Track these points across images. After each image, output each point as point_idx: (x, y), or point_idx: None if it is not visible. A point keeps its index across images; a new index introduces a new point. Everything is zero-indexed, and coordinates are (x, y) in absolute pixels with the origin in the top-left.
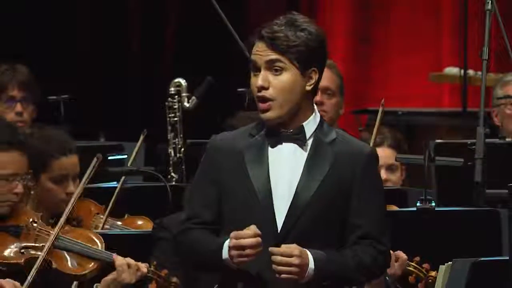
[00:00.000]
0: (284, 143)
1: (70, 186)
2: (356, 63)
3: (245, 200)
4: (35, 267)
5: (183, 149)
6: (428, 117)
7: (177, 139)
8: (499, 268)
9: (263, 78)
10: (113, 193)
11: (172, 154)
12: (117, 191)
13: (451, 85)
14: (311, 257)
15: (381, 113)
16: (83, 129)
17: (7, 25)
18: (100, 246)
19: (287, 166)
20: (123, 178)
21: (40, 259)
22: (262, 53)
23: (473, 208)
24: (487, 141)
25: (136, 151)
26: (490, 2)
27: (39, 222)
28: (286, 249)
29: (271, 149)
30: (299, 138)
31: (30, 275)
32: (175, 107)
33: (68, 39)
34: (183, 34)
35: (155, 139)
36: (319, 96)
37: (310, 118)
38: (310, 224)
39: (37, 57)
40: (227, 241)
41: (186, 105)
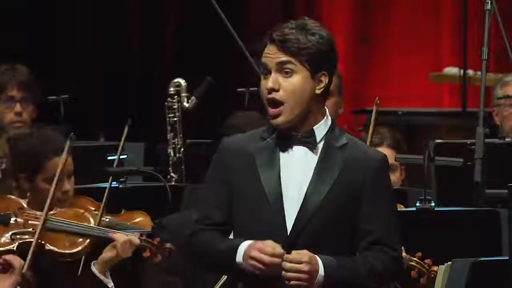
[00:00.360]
0: (294, 147)
1: (66, 185)
2: (356, 63)
3: (255, 203)
4: (31, 250)
5: (182, 149)
6: (428, 117)
7: (176, 139)
8: (499, 268)
9: (273, 80)
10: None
11: (172, 154)
12: (108, 188)
13: (451, 85)
14: (321, 263)
15: (375, 113)
16: (83, 129)
17: (7, 25)
18: (93, 223)
19: (297, 170)
20: (111, 178)
21: (34, 241)
22: (273, 56)
23: (473, 208)
24: (487, 141)
25: (122, 140)
26: (489, 2)
27: (25, 207)
28: (296, 255)
29: (282, 152)
30: (310, 141)
31: (27, 259)
32: (174, 107)
33: (68, 39)
34: (183, 34)
35: (154, 139)
36: None
37: (321, 122)
38: (320, 228)
39: (37, 57)
40: (243, 245)
41: (186, 105)
